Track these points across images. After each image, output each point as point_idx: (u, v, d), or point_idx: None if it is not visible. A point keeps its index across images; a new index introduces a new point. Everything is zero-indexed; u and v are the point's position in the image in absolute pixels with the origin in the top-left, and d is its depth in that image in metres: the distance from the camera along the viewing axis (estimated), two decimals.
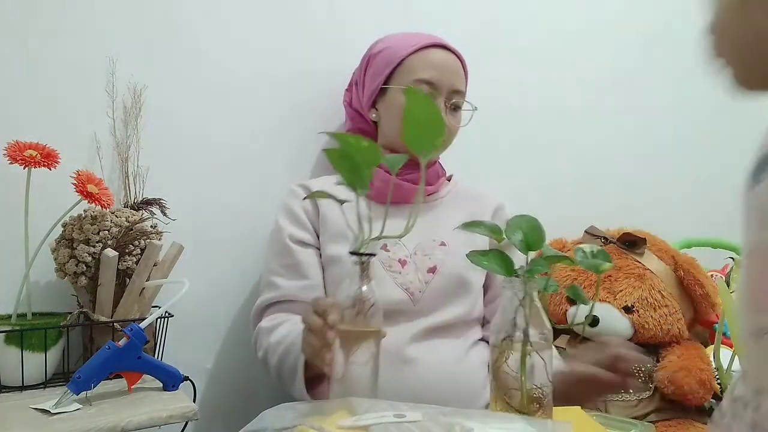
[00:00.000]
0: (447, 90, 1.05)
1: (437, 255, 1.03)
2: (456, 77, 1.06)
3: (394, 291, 0.99)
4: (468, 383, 0.97)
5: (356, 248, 0.67)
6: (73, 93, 1.04)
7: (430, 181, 1.10)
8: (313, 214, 1.06)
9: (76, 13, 1.04)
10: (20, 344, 0.87)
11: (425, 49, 1.05)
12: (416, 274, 1.01)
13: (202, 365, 1.16)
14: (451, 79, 1.05)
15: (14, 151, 0.89)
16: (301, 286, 1.00)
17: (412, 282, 1.00)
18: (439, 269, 1.02)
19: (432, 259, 1.03)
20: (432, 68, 1.04)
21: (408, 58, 1.05)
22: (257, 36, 1.21)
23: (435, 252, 1.04)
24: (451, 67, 1.06)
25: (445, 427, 0.56)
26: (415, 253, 1.03)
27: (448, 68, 1.05)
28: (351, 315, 0.67)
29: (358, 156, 0.64)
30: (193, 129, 1.15)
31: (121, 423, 0.74)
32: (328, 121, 1.25)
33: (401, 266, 1.02)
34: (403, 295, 0.99)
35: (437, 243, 1.05)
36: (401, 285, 1.00)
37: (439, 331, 0.99)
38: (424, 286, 1.00)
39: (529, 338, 0.64)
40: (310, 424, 0.57)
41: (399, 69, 1.06)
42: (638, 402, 1.27)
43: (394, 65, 1.06)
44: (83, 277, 0.93)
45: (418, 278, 1.01)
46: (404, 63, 1.05)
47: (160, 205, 1.06)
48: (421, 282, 1.01)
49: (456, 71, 1.06)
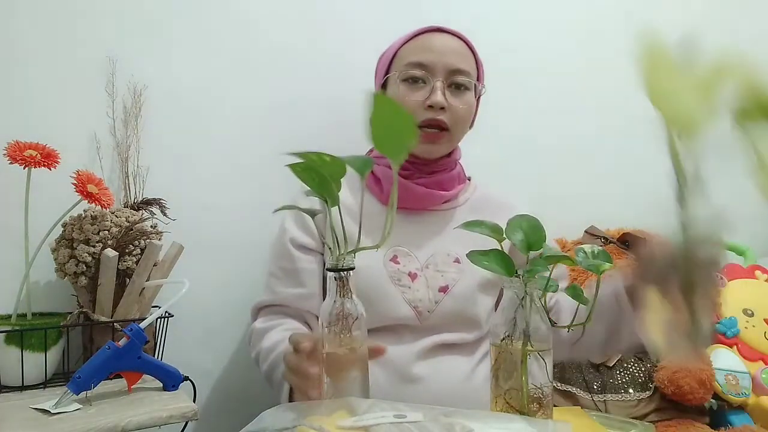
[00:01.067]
0: (444, 70, 0.98)
1: (450, 273, 0.98)
2: (455, 57, 0.99)
3: (402, 307, 0.95)
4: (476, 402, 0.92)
5: (332, 264, 0.66)
6: (73, 93, 1.04)
7: (446, 187, 1.04)
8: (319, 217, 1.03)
9: (76, 13, 1.04)
10: (20, 344, 0.87)
11: (419, 36, 1.01)
12: (427, 291, 0.96)
13: (202, 365, 1.16)
14: (449, 59, 0.98)
15: (14, 151, 0.89)
16: (296, 294, 0.98)
17: (421, 300, 0.96)
18: (451, 289, 0.97)
19: (445, 277, 0.98)
20: (424, 51, 0.99)
21: (402, 48, 1.02)
22: (258, 36, 1.21)
23: (448, 269, 0.98)
24: (448, 47, 0.99)
25: (445, 427, 0.56)
26: (427, 267, 0.98)
27: (445, 48, 0.99)
28: (335, 332, 0.66)
29: (323, 170, 0.64)
30: (193, 129, 1.15)
31: (121, 423, 0.74)
32: (330, 120, 1.26)
33: (411, 280, 0.97)
34: (410, 312, 0.95)
35: (451, 259, 0.99)
36: (410, 302, 0.96)
37: (446, 348, 0.96)
38: (434, 305, 0.96)
39: (529, 338, 0.64)
40: (310, 424, 0.57)
41: (394, 60, 1.03)
42: (638, 402, 1.27)
43: (390, 59, 1.03)
44: (83, 277, 0.93)
45: (428, 297, 0.96)
46: (398, 53, 1.02)
47: (160, 205, 1.06)
48: (431, 301, 0.96)
49: (455, 50, 1.00)
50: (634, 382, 1.29)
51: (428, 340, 0.95)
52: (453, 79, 0.99)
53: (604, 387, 1.29)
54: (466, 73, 1.00)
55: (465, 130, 1.04)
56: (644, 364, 1.32)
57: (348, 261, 0.66)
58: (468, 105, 1.01)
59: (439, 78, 0.98)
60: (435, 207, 1.03)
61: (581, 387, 1.31)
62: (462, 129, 1.03)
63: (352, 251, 0.66)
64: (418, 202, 1.00)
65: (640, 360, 1.33)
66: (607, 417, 0.87)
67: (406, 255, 0.98)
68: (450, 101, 0.98)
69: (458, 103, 0.99)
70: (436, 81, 0.97)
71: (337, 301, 0.66)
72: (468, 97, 1.01)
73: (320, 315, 0.68)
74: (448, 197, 1.04)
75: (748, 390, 1.32)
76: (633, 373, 1.31)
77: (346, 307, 0.66)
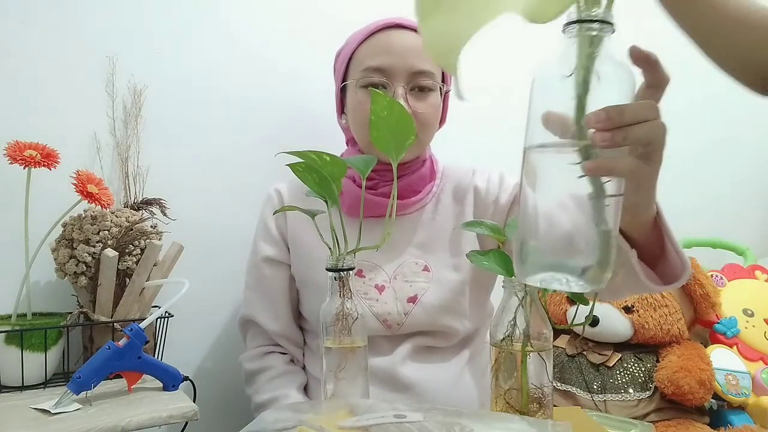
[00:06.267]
0: (405, 73, 0.90)
1: (419, 282, 0.94)
2: (416, 57, 0.91)
3: (370, 321, 0.92)
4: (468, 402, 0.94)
5: (332, 264, 0.66)
6: (73, 93, 1.04)
7: (415, 187, 0.98)
8: (283, 227, 1.02)
9: (76, 13, 1.04)
10: (20, 344, 0.87)
11: (375, 34, 0.93)
12: (395, 303, 0.93)
13: (202, 365, 1.16)
14: (409, 60, 0.90)
15: (14, 151, 0.88)
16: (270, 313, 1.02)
17: (390, 313, 0.93)
18: (420, 299, 0.93)
19: (413, 287, 0.94)
20: (381, 53, 0.91)
21: (359, 49, 0.94)
22: (258, 36, 1.21)
23: (417, 278, 0.94)
24: (407, 47, 0.91)
25: (445, 427, 0.56)
26: (395, 278, 0.95)
27: (403, 49, 0.91)
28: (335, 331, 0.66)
29: (324, 170, 0.64)
30: (193, 129, 1.15)
31: (121, 423, 0.74)
32: (329, 119, 1.25)
33: (379, 293, 0.94)
34: (379, 325, 0.93)
35: (420, 267, 0.95)
36: (378, 315, 0.93)
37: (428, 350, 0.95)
38: (403, 317, 0.93)
39: (529, 338, 0.64)
40: (310, 424, 0.57)
41: (351, 63, 0.95)
42: (638, 402, 1.27)
43: (347, 61, 0.96)
44: (83, 277, 0.93)
45: (396, 309, 0.93)
46: (355, 54, 0.94)
47: (160, 205, 1.06)
48: (400, 314, 0.93)
49: (416, 50, 0.91)
50: (634, 382, 1.29)
51: (405, 346, 0.94)
52: (416, 82, 0.92)
53: (604, 387, 1.29)
54: (429, 74, 0.92)
55: (433, 131, 0.98)
56: (644, 364, 1.32)
57: (348, 261, 0.66)
58: (433, 107, 0.94)
59: (400, 83, 0.91)
60: (402, 211, 0.98)
61: (581, 387, 1.31)
62: (429, 132, 0.97)
63: (352, 251, 0.67)
64: (381, 209, 0.94)
65: (640, 360, 1.33)
66: (607, 417, 0.87)
67: (372, 268, 0.95)
68: (414, 107, 0.91)
69: (422, 108, 0.92)
70: (398, 87, 0.91)
71: (337, 301, 0.66)
72: (433, 98, 0.94)
73: (320, 315, 0.68)
74: (415, 200, 0.98)
75: (748, 390, 1.32)
76: (633, 373, 1.31)
77: (346, 307, 0.66)
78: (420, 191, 0.99)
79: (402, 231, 0.98)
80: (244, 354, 1.05)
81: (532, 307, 0.65)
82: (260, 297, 1.03)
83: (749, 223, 1.90)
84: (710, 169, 1.79)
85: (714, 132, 1.78)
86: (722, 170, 1.83)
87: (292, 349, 1.03)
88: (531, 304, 0.65)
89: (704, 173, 1.78)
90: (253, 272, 1.04)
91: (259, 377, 0.99)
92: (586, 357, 1.35)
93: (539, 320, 0.65)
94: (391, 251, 0.96)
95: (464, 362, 0.98)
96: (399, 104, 0.63)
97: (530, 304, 0.65)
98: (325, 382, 0.67)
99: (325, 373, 0.67)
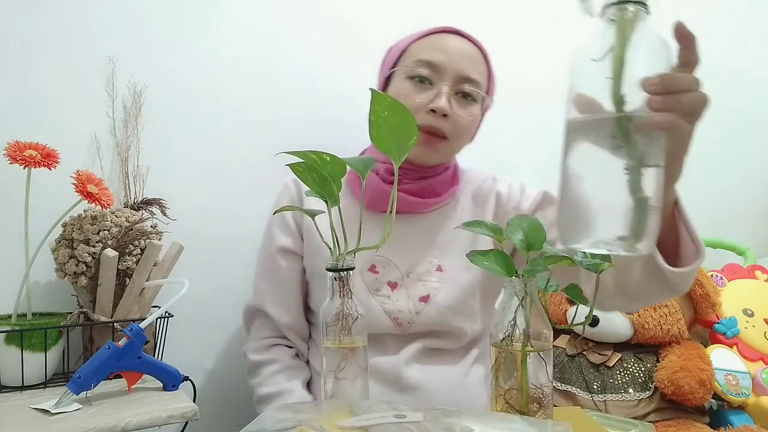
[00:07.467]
0: (453, 75, 0.91)
1: (432, 282, 0.94)
2: (467, 63, 0.92)
3: (381, 318, 0.92)
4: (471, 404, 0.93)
5: (332, 264, 0.66)
6: (73, 93, 1.04)
7: (437, 191, 0.98)
8: (299, 217, 1.02)
9: (76, 13, 1.04)
10: (20, 344, 0.87)
11: (434, 35, 0.95)
12: (407, 301, 0.93)
13: (202, 365, 1.16)
14: (460, 64, 0.91)
15: (14, 151, 0.88)
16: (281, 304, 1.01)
17: (401, 311, 0.93)
18: (433, 299, 0.93)
19: (426, 286, 0.94)
20: (436, 50, 0.92)
21: (413, 44, 0.95)
22: (258, 36, 1.21)
23: (430, 278, 0.95)
24: (461, 52, 0.93)
25: (445, 427, 0.56)
26: (408, 276, 0.95)
27: (458, 53, 0.92)
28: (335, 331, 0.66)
29: (324, 170, 0.63)
30: (193, 129, 1.15)
31: (121, 423, 0.74)
32: (330, 119, 1.26)
33: (391, 290, 0.94)
34: (390, 322, 0.93)
35: (433, 267, 0.95)
36: (388, 312, 0.93)
37: (434, 352, 0.95)
38: (414, 316, 0.93)
39: (529, 338, 0.64)
40: (310, 424, 0.57)
41: (403, 55, 0.96)
42: (638, 402, 1.27)
43: (399, 54, 0.96)
44: (83, 277, 0.93)
45: (408, 307, 0.93)
46: (409, 48, 0.95)
47: (160, 205, 1.06)
48: (411, 312, 0.93)
49: (468, 57, 0.93)
50: (634, 382, 1.29)
51: (413, 346, 0.94)
52: (461, 86, 0.92)
53: (604, 387, 1.30)
54: (476, 82, 0.93)
55: (465, 142, 0.98)
56: (644, 364, 1.32)
57: (348, 261, 0.66)
58: (473, 117, 0.95)
59: (446, 82, 0.91)
60: (422, 210, 0.99)
61: (581, 387, 1.31)
62: (462, 141, 0.97)
63: (352, 251, 0.66)
64: (404, 206, 0.95)
65: (640, 360, 1.33)
66: (607, 417, 0.87)
67: (385, 264, 0.95)
68: (454, 109, 0.92)
69: (463, 114, 0.93)
70: (443, 85, 0.91)
71: (337, 301, 0.66)
72: (474, 108, 0.95)
73: (320, 315, 0.68)
74: (436, 201, 0.98)
75: (748, 390, 1.32)
76: (633, 373, 1.31)
77: (346, 307, 0.66)
78: (441, 194, 0.99)
79: (419, 230, 0.98)
80: (248, 344, 1.04)
81: (532, 307, 0.65)
82: (272, 287, 1.02)
83: (749, 223, 1.90)
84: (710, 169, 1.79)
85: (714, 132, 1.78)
86: (722, 170, 1.83)
87: (298, 342, 1.03)
88: (531, 304, 0.65)
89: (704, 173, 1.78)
90: (266, 262, 1.03)
91: (264, 369, 0.99)
92: (586, 357, 1.35)
93: (539, 320, 0.65)
94: (406, 249, 0.96)
95: (470, 364, 0.97)
96: (401, 105, 0.63)
97: (530, 304, 0.65)
98: (325, 381, 0.67)
99: (325, 372, 0.67)
